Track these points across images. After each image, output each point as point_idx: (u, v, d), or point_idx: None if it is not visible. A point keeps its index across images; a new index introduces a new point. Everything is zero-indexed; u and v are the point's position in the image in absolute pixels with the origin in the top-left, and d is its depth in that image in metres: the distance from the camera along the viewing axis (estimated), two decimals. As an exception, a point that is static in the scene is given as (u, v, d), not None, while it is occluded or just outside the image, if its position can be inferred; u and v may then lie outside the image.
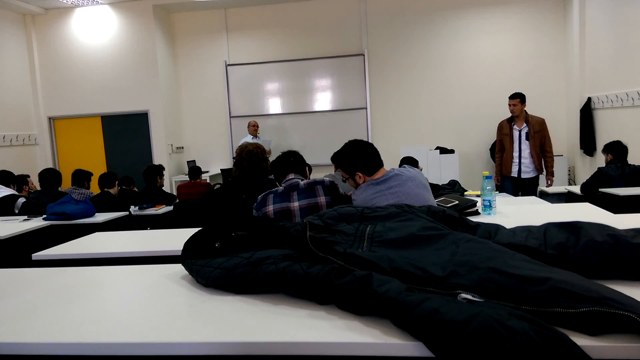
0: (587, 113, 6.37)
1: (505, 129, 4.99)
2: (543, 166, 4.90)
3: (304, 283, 1.18)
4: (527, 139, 4.86)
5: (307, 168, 2.53)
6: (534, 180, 4.94)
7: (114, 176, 4.82)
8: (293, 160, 2.46)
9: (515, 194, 4.90)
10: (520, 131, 4.89)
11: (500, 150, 5.05)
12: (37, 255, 2.25)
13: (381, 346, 0.96)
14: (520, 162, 4.91)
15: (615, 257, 1.18)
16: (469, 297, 1.00)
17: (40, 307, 1.29)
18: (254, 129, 7.27)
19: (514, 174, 4.94)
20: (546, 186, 4.92)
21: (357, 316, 1.08)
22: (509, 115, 4.96)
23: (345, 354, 0.98)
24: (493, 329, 0.85)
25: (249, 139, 7.03)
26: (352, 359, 0.99)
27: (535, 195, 4.66)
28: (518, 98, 4.86)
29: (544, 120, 4.94)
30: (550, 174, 4.95)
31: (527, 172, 4.89)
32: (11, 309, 1.28)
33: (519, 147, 4.90)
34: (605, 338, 0.90)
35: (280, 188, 2.33)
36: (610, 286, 1.02)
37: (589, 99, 6.36)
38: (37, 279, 1.58)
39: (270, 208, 2.27)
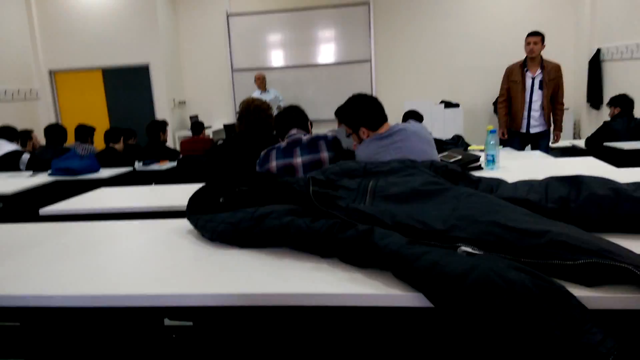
0: (595, 65, 6.25)
1: (515, 75, 4.30)
2: (551, 119, 4.41)
3: (307, 237, 1.20)
4: (540, 87, 4.23)
5: (309, 123, 2.52)
6: (544, 135, 4.44)
7: (119, 131, 4.81)
8: (295, 116, 2.44)
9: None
10: (533, 78, 4.25)
11: (506, 99, 4.41)
12: (45, 211, 2.29)
13: (382, 297, 0.99)
14: (529, 115, 4.32)
15: (615, 210, 1.19)
16: (469, 249, 1.02)
17: (50, 261, 1.33)
18: (261, 82, 7.11)
19: (523, 128, 4.38)
20: (552, 142, 4.51)
21: (359, 269, 1.11)
22: (518, 63, 4.34)
23: (347, 304, 1.01)
24: (491, 280, 0.87)
25: (257, 93, 6.92)
26: (355, 309, 1.03)
27: (546, 152, 4.21)
28: (540, 36, 4.16)
29: (560, 66, 4.30)
30: (558, 129, 4.43)
31: (535, 126, 4.37)
32: (22, 264, 1.32)
33: (530, 97, 4.28)
34: (601, 289, 0.92)
35: (283, 144, 2.32)
36: (610, 239, 1.04)
37: (598, 50, 6.21)
38: (46, 233, 1.61)
39: (274, 164, 2.27)
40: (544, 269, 0.95)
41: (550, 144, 4.49)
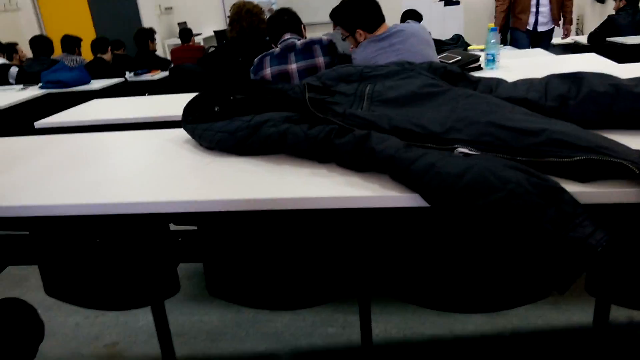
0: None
1: None
2: (560, 14, 4.14)
3: (304, 143, 1.20)
4: None
5: (302, 27, 2.42)
6: (549, 34, 4.22)
7: (106, 41, 4.64)
8: (287, 19, 2.34)
9: None
10: None
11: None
12: (40, 124, 2.27)
13: (379, 199, 1.01)
14: (537, 11, 4.06)
15: (614, 106, 1.18)
16: (466, 150, 1.02)
17: (52, 172, 1.34)
18: None
19: (530, 26, 4.12)
20: (563, 37, 4.27)
21: (356, 173, 1.12)
22: None
23: (345, 206, 1.04)
24: (486, 179, 0.89)
25: None
26: (352, 211, 1.06)
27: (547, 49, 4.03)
28: None
29: None
30: (569, 22, 4.20)
31: (544, 23, 4.13)
32: (25, 175, 1.33)
33: None
34: (596, 184, 0.94)
35: (277, 50, 2.25)
36: (608, 136, 1.04)
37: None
38: (43, 146, 1.61)
39: (268, 71, 2.22)
40: (540, 166, 0.96)
41: (561, 40, 4.28)
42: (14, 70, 4.31)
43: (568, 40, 4.50)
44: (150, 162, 1.36)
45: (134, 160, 1.39)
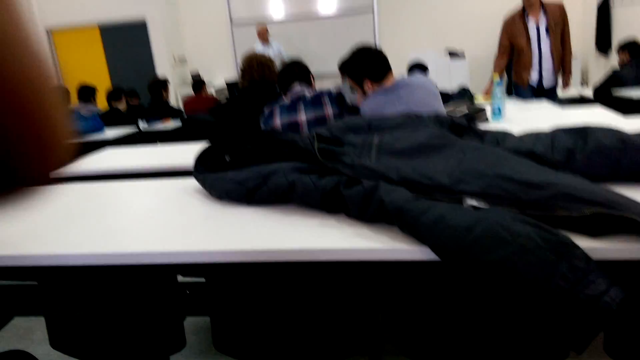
0: (604, 10, 6.06)
1: (517, 27, 3.86)
2: (560, 67, 4.03)
3: (314, 194, 1.21)
4: (547, 34, 3.82)
5: (311, 77, 2.49)
6: (554, 89, 4.07)
7: (121, 91, 4.79)
8: (297, 71, 2.41)
9: None
10: (538, 27, 3.83)
11: (504, 55, 3.99)
12: (53, 172, 2.30)
13: (389, 251, 1.01)
14: (541, 67, 3.90)
15: (622, 160, 1.18)
16: (475, 203, 1.02)
17: (62, 221, 1.35)
18: (263, 35, 6.91)
19: (533, 82, 3.96)
20: (563, 89, 4.15)
21: (365, 224, 1.12)
22: (518, 8, 3.91)
23: (354, 259, 1.03)
24: (497, 232, 0.88)
25: (259, 46, 6.77)
26: (362, 264, 1.05)
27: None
28: None
29: (563, 5, 3.86)
30: (568, 71, 4.02)
31: (549, 78, 3.97)
32: (35, 224, 1.34)
33: (538, 48, 3.85)
34: (607, 240, 0.93)
35: (287, 101, 2.30)
36: (617, 190, 1.04)
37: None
38: (56, 194, 1.63)
39: (278, 121, 2.26)
40: (550, 220, 0.95)
41: (561, 92, 4.17)
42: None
43: (574, 92, 4.52)
44: (161, 212, 1.37)
45: (144, 210, 1.41)
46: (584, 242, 0.91)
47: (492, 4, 6.88)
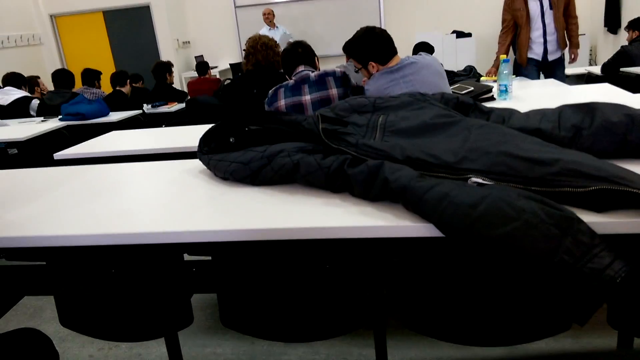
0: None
1: (517, 3, 3.80)
2: (566, 38, 3.91)
3: (318, 173, 1.21)
4: (550, 8, 3.73)
5: (316, 59, 2.47)
6: (560, 62, 3.97)
7: (125, 74, 4.77)
8: (301, 52, 2.39)
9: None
10: (540, 1, 3.75)
11: (507, 31, 3.92)
12: (59, 155, 2.32)
13: (393, 228, 1.01)
14: (545, 41, 3.83)
15: (629, 136, 1.17)
16: (479, 180, 1.02)
17: (70, 203, 1.36)
18: (269, 18, 6.86)
19: (537, 56, 3.89)
20: (569, 61, 4.05)
21: (370, 202, 1.13)
22: None
23: (359, 236, 1.04)
24: (501, 209, 0.88)
25: (265, 30, 6.72)
26: (367, 241, 1.05)
27: (563, 80, 3.75)
28: None
29: None
30: (574, 46, 3.94)
31: (553, 52, 3.89)
32: (43, 206, 1.36)
33: (542, 22, 3.78)
34: (612, 214, 0.93)
35: (291, 81, 2.29)
36: (623, 166, 1.03)
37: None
38: (63, 177, 1.65)
39: (282, 102, 2.25)
40: (555, 196, 0.95)
41: (567, 63, 4.06)
42: (35, 102, 4.43)
43: (582, 70, 4.46)
44: (166, 193, 1.38)
45: (149, 191, 1.41)
46: (588, 217, 0.91)
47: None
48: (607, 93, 2.45)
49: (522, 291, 0.96)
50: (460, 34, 6.74)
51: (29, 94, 4.66)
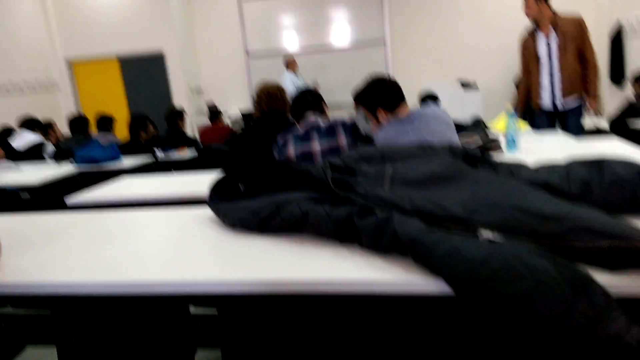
0: (617, 40, 6.09)
1: (528, 45, 3.58)
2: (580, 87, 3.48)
3: (326, 223, 1.21)
4: (558, 50, 3.46)
5: (324, 104, 2.52)
6: (575, 112, 3.58)
7: (146, 118, 4.65)
8: (311, 100, 2.44)
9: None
10: (548, 43, 3.47)
11: (524, 76, 3.71)
12: (71, 200, 2.34)
13: (402, 284, 1.00)
14: (553, 88, 3.51)
15: (639, 192, 1.17)
16: (490, 235, 1.01)
17: (77, 249, 1.36)
18: (292, 65, 6.96)
19: (546, 106, 3.60)
20: (586, 112, 3.66)
21: (378, 254, 1.11)
22: (529, 31, 3.60)
23: (368, 291, 1.02)
24: (513, 266, 0.87)
25: (290, 77, 6.83)
26: (374, 297, 1.03)
27: (578, 132, 3.50)
28: None
29: (579, 19, 3.42)
30: (592, 95, 3.47)
31: (565, 99, 3.55)
32: (51, 252, 1.36)
33: (549, 67, 3.48)
34: (625, 275, 0.91)
35: (301, 130, 2.32)
36: (635, 223, 1.02)
37: (621, 27, 6.03)
38: (73, 223, 1.65)
39: (292, 151, 2.28)
40: (567, 253, 0.94)
41: (584, 115, 3.65)
42: (50, 148, 4.52)
43: (588, 123, 4.20)
44: (175, 241, 1.38)
45: (158, 239, 1.41)
46: (601, 277, 0.89)
47: (503, 36, 6.95)
48: (616, 148, 2.46)
49: (537, 355, 0.93)
50: (466, 84, 6.88)
51: (43, 139, 4.75)
